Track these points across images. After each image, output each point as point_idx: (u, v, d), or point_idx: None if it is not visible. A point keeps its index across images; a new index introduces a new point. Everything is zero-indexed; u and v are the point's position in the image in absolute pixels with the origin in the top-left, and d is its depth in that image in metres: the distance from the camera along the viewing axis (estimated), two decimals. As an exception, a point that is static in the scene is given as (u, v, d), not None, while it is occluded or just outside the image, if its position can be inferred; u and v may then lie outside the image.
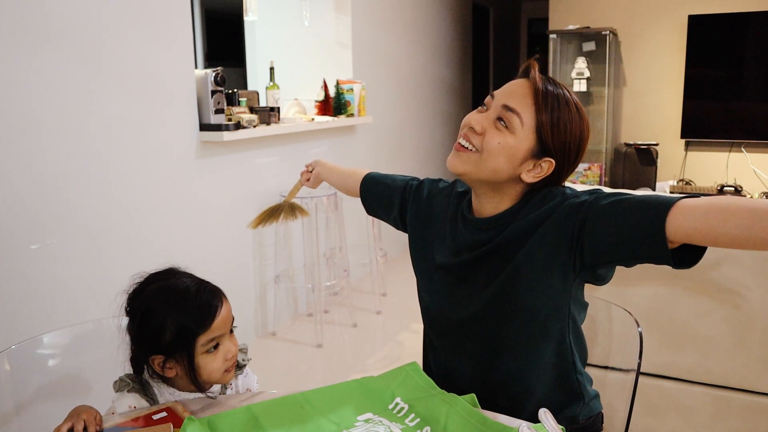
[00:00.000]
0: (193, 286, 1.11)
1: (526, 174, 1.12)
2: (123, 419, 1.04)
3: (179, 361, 1.08)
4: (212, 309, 1.09)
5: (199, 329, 1.07)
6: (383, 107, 4.60)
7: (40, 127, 2.16)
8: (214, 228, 3.01)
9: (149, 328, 1.08)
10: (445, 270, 1.21)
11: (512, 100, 1.10)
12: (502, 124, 1.10)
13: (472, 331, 1.16)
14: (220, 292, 1.14)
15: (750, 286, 1.72)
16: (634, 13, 5.38)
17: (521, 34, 8.66)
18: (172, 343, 1.07)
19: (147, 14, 2.56)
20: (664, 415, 1.91)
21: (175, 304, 1.08)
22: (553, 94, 1.10)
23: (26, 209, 2.13)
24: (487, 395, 1.10)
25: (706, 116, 5.20)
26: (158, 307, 1.08)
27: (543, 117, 1.09)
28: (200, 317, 1.08)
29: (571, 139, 1.11)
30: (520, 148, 1.10)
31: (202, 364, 1.09)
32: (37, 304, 2.18)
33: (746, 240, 0.88)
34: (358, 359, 3.14)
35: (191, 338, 1.07)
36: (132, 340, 1.13)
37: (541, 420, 0.95)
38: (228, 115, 2.96)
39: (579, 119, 1.12)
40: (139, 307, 1.10)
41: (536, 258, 1.08)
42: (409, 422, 1.00)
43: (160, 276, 1.13)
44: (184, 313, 1.07)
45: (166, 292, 1.10)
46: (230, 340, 1.13)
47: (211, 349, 1.09)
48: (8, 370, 1.29)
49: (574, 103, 1.13)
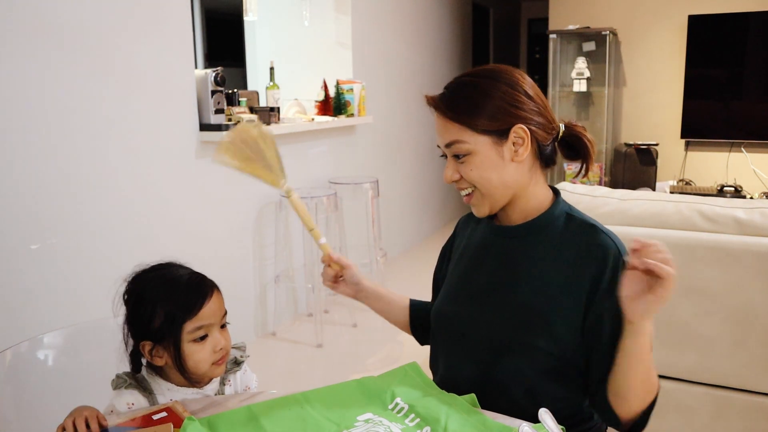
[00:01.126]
0: (186, 276, 1.15)
1: (517, 156, 1.11)
2: (123, 419, 1.04)
3: (167, 348, 1.10)
4: (200, 297, 1.12)
5: (186, 315, 1.10)
6: (383, 107, 4.60)
7: (40, 127, 2.16)
8: (214, 228, 3.01)
9: (140, 313, 1.11)
10: (471, 277, 1.22)
11: (444, 136, 1.13)
12: (460, 158, 1.12)
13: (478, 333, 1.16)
14: (212, 284, 1.16)
15: (750, 286, 1.71)
16: (634, 13, 5.38)
17: (521, 34, 8.66)
18: (161, 329, 1.10)
19: (147, 14, 2.56)
20: (664, 415, 1.91)
21: (165, 290, 1.11)
22: (450, 96, 1.13)
23: (26, 209, 2.13)
24: (488, 398, 1.10)
25: (706, 116, 5.20)
26: (150, 293, 1.12)
27: (463, 118, 1.10)
28: (188, 304, 1.10)
29: (499, 97, 1.09)
30: (488, 152, 1.10)
31: (188, 352, 1.10)
32: (37, 304, 2.18)
33: None
34: (358, 359, 3.14)
35: (178, 324, 1.09)
36: (127, 328, 1.15)
37: (541, 420, 0.95)
38: (228, 115, 2.96)
39: (491, 80, 1.11)
40: (134, 293, 1.14)
41: (557, 281, 1.10)
42: (409, 422, 1.00)
43: (157, 266, 1.17)
44: (173, 300, 1.10)
45: (160, 280, 1.13)
46: (220, 333, 1.14)
47: (198, 338, 1.11)
48: (8, 370, 1.29)
49: (473, 75, 1.13)
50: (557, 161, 1.22)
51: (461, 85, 1.14)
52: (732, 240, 1.72)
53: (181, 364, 1.10)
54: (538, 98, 1.13)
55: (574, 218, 1.16)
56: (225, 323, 1.17)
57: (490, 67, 1.14)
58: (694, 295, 1.78)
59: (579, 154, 1.19)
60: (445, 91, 1.15)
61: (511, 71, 1.13)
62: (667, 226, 1.81)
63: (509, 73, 1.13)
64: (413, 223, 5.24)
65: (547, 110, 1.14)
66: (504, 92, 1.10)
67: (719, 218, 1.76)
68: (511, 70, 1.14)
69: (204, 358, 1.11)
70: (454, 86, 1.15)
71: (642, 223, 1.85)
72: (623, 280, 0.94)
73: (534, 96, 1.12)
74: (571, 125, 1.18)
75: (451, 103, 1.12)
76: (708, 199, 1.86)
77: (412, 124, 5.12)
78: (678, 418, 1.89)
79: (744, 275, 1.71)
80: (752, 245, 1.70)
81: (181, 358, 1.10)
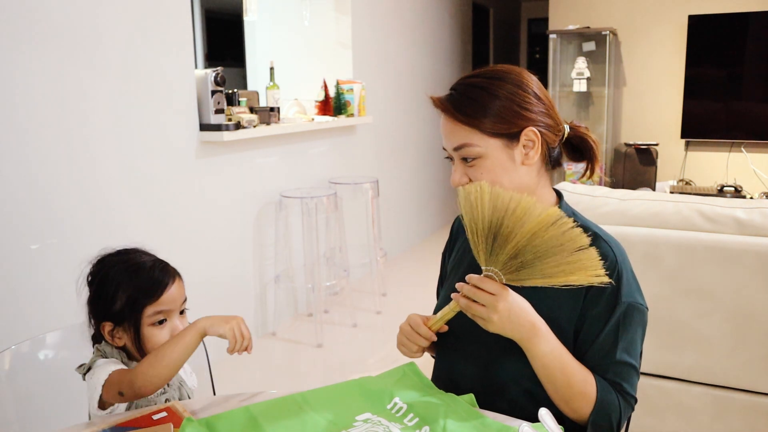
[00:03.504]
0: (149, 262, 1.19)
1: (528, 159, 1.11)
2: (123, 419, 1.04)
3: (126, 330, 1.15)
4: (162, 283, 1.16)
5: (147, 300, 1.14)
6: (383, 107, 4.60)
7: (40, 127, 2.16)
8: (214, 228, 3.01)
9: (103, 294, 1.15)
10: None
11: (452, 139, 1.11)
12: (469, 161, 1.10)
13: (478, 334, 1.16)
14: (174, 271, 1.20)
15: (750, 286, 1.71)
16: (634, 13, 5.38)
17: (521, 34, 8.66)
18: (122, 311, 1.14)
19: (147, 14, 2.56)
20: (664, 415, 1.91)
21: (128, 274, 1.15)
22: (459, 98, 1.10)
23: (26, 209, 2.13)
24: (488, 398, 1.10)
25: (706, 116, 5.20)
26: (113, 276, 1.15)
27: (473, 120, 1.08)
28: (149, 288, 1.15)
29: (509, 99, 1.08)
30: (499, 155, 1.09)
31: (147, 335, 1.15)
32: (37, 304, 2.18)
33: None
34: (358, 359, 3.14)
35: (139, 308, 1.14)
36: (88, 308, 1.18)
37: (541, 420, 0.95)
38: (228, 115, 2.96)
39: (500, 81, 1.09)
40: (97, 274, 1.17)
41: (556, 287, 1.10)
42: (407, 422, 1.00)
43: (122, 251, 1.21)
44: (135, 284, 1.15)
45: (124, 264, 1.17)
46: (179, 319, 1.19)
47: (157, 322, 1.15)
48: (8, 370, 1.29)
49: (482, 77, 1.11)
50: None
51: (470, 86, 1.11)
52: (732, 240, 1.72)
53: (140, 346, 1.15)
54: (546, 99, 1.12)
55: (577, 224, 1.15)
56: (184, 309, 1.22)
57: (498, 68, 1.13)
58: (694, 295, 1.78)
59: (584, 155, 1.18)
60: (452, 93, 1.12)
61: (519, 72, 1.12)
62: (667, 226, 1.81)
63: (517, 73, 1.11)
64: (413, 223, 5.24)
65: (554, 111, 1.13)
66: (514, 94, 1.09)
67: (719, 218, 1.76)
68: (519, 70, 1.13)
69: (162, 341, 1.15)
70: (462, 88, 1.12)
71: (642, 223, 1.85)
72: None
73: (542, 97, 1.12)
74: (575, 126, 1.17)
75: (460, 105, 1.09)
76: (708, 199, 1.86)
77: (412, 124, 5.12)
78: (678, 418, 1.89)
79: (744, 275, 1.71)
80: (752, 245, 1.70)
81: (140, 340, 1.15)
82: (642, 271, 1.86)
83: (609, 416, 1.05)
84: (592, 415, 1.04)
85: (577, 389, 1.04)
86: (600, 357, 1.08)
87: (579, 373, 1.05)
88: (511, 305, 1.00)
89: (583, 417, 1.06)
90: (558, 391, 1.05)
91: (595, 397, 1.04)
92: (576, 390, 1.04)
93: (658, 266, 1.79)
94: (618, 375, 1.08)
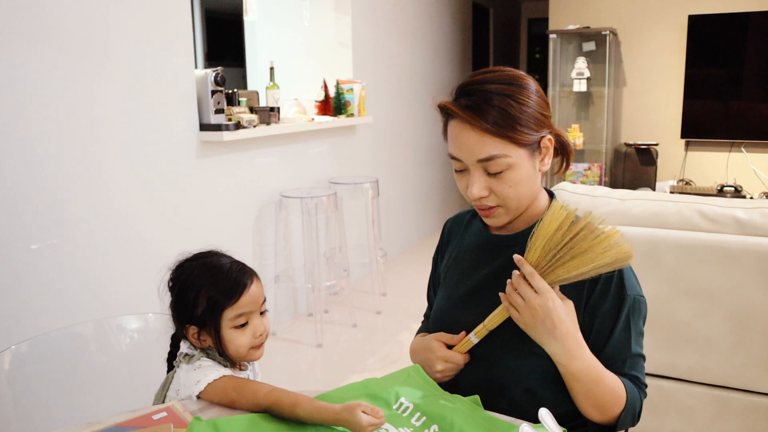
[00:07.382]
0: (228, 264, 1.18)
1: (543, 166, 1.11)
2: (123, 419, 1.04)
3: (209, 333, 1.15)
4: (241, 285, 1.15)
5: (226, 303, 1.13)
6: (383, 107, 4.61)
7: (40, 127, 2.16)
8: (213, 228, 3.01)
9: (185, 298, 1.15)
10: (472, 285, 1.21)
11: (478, 150, 1.04)
12: (495, 173, 1.05)
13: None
14: (251, 272, 1.19)
15: (750, 286, 1.71)
16: (634, 13, 5.38)
17: (521, 34, 8.66)
18: (203, 315, 1.13)
19: (147, 14, 2.56)
20: (664, 415, 1.91)
21: (208, 277, 1.15)
22: (484, 107, 1.03)
23: (26, 209, 2.13)
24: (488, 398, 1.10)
25: (706, 116, 5.20)
26: (194, 280, 1.15)
27: (506, 131, 1.03)
28: (229, 291, 1.14)
29: (533, 106, 1.06)
30: (526, 165, 1.07)
31: (228, 338, 1.14)
32: (37, 304, 2.18)
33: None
34: (358, 359, 3.14)
35: (219, 311, 1.13)
36: (171, 313, 1.19)
37: (541, 420, 0.95)
38: (228, 115, 2.96)
39: (520, 87, 1.06)
40: (177, 280, 1.17)
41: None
42: (414, 422, 1.00)
43: (200, 255, 1.21)
44: (215, 287, 1.14)
45: (203, 267, 1.17)
46: (260, 319, 1.18)
47: (239, 324, 1.14)
48: (8, 370, 1.29)
49: (497, 82, 1.06)
50: None
51: (492, 93, 1.04)
52: (732, 240, 1.72)
53: (222, 348, 1.15)
54: (546, 102, 1.12)
55: None
56: (264, 310, 1.20)
57: (507, 72, 1.09)
58: (694, 295, 1.78)
59: (559, 151, 1.17)
60: (470, 100, 1.05)
61: (525, 76, 1.10)
62: (667, 226, 1.81)
63: (526, 79, 1.09)
64: (413, 223, 5.24)
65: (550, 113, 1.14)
66: (535, 101, 1.07)
67: (719, 218, 1.75)
68: (524, 74, 1.11)
69: (243, 343, 1.15)
70: (482, 94, 1.04)
71: (642, 223, 1.85)
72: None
73: (547, 100, 1.12)
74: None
75: (487, 115, 1.02)
76: (708, 199, 1.86)
77: (412, 124, 5.12)
78: (678, 418, 1.89)
79: (744, 275, 1.71)
80: (752, 245, 1.70)
81: (222, 343, 1.14)
82: (642, 271, 1.86)
83: (634, 409, 1.09)
84: (621, 415, 1.07)
85: (609, 397, 1.06)
86: (617, 352, 1.10)
87: (611, 382, 1.06)
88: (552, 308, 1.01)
89: (613, 418, 1.08)
90: (593, 403, 1.06)
91: (626, 399, 1.07)
92: (608, 398, 1.06)
93: (658, 266, 1.79)
94: (633, 368, 1.11)
